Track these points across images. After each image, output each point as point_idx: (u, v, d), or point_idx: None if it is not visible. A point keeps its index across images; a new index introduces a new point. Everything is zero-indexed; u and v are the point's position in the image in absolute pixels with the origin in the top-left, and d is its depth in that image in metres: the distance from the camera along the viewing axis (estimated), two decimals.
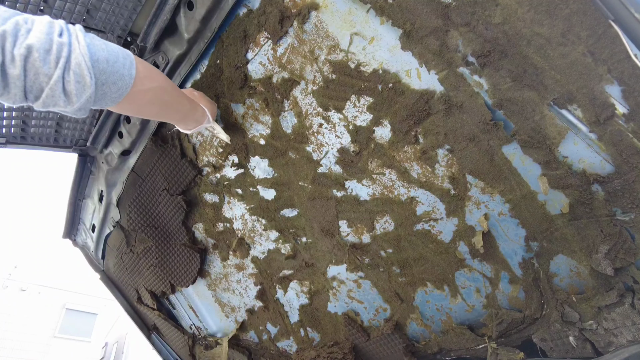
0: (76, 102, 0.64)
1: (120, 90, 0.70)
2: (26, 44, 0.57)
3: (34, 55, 0.58)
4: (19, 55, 0.57)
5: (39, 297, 12.52)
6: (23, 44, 0.57)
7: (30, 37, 0.58)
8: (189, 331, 1.70)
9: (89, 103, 0.67)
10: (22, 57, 0.57)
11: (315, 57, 0.95)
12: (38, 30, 0.59)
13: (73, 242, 1.77)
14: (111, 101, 0.71)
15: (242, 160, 1.20)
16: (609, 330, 0.82)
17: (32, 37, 0.58)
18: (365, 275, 1.16)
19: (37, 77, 0.59)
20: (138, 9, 1.08)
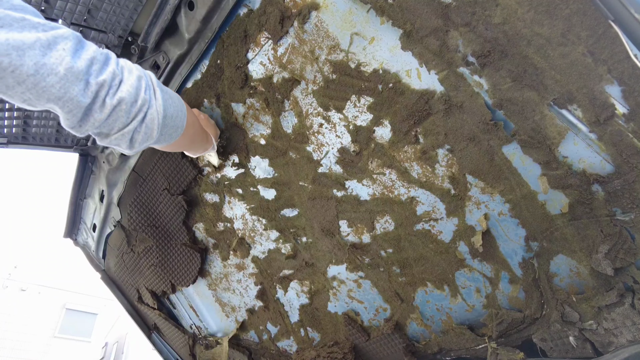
0: (137, 147, 0.73)
1: (172, 138, 0.79)
2: (118, 96, 0.64)
3: (122, 107, 0.65)
4: (110, 105, 0.64)
5: (39, 297, 12.53)
6: (116, 96, 0.64)
7: (122, 89, 0.65)
8: (190, 331, 1.70)
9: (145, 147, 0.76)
10: (112, 107, 0.64)
11: (315, 57, 0.95)
12: (129, 84, 0.66)
13: (74, 242, 1.78)
14: (162, 145, 0.80)
15: (242, 160, 1.20)
16: (609, 330, 0.82)
17: (124, 89, 0.65)
18: (366, 275, 1.16)
19: (115, 123, 0.66)
20: (139, 9, 1.09)
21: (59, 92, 0.58)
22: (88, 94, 0.61)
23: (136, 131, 0.69)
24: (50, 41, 0.57)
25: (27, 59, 0.54)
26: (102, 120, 0.64)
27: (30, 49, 0.55)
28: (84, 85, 0.60)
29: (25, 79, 0.55)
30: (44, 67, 0.56)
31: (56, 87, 0.58)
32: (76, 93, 0.60)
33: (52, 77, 0.57)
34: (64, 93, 0.59)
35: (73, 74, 0.59)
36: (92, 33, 1.10)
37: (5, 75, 0.54)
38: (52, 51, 0.57)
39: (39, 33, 0.56)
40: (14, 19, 0.54)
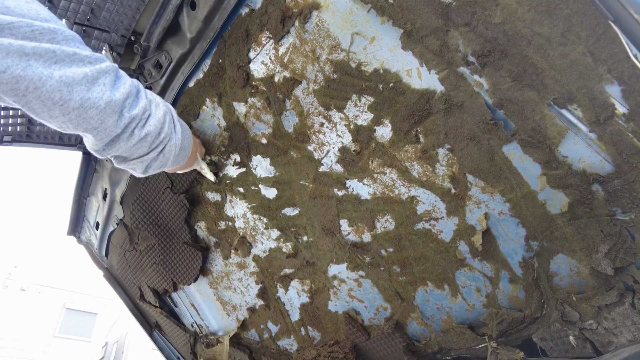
0: (150, 173, 0.79)
1: (179, 164, 0.87)
2: (146, 130, 0.71)
3: (148, 140, 0.72)
4: (137, 136, 0.70)
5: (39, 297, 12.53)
6: (144, 129, 0.70)
7: (150, 123, 0.71)
8: (191, 329, 1.71)
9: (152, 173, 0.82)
10: (139, 138, 0.70)
11: (316, 56, 0.95)
12: (156, 119, 0.72)
13: (77, 240, 1.78)
14: (168, 169, 0.87)
15: (243, 159, 1.21)
16: (609, 329, 0.82)
17: (151, 123, 0.71)
18: (366, 275, 1.16)
19: (137, 151, 0.72)
20: (141, 9, 1.10)
21: (96, 123, 0.63)
22: (120, 125, 0.66)
23: (153, 160, 0.75)
24: (95, 76, 0.62)
25: (74, 94, 0.59)
26: (126, 148, 0.70)
27: (78, 84, 0.59)
28: (117, 117, 0.66)
29: (71, 111, 0.60)
30: (87, 102, 0.60)
31: (95, 118, 0.63)
32: (110, 124, 0.65)
33: (93, 110, 0.62)
34: (100, 124, 0.64)
35: (111, 107, 0.64)
36: (96, 32, 1.11)
37: (54, 108, 0.58)
38: (95, 86, 0.62)
39: (86, 68, 0.60)
40: (66, 54, 0.58)
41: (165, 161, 0.77)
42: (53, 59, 0.56)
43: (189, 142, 0.85)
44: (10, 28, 0.52)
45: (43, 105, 0.57)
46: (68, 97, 0.58)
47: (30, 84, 0.54)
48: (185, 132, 0.83)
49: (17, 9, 0.54)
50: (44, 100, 0.56)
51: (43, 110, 0.58)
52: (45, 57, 0.55)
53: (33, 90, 0.55)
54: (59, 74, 0.56)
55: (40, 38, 0.55)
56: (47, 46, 0.55)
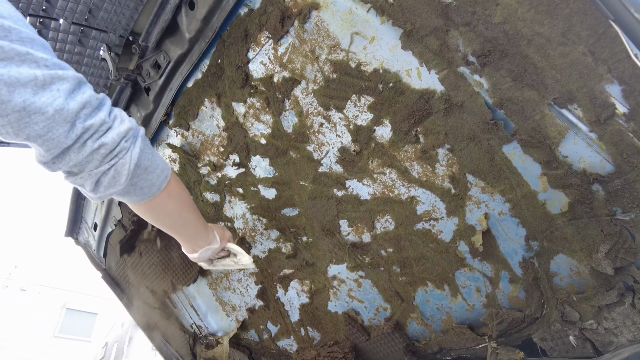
0: (101, 192, 0.70)
1: (145, 196, 0.75)
2: (101, 141, 0.63)
3: (100, 151, 0.64)
4: (90, 148, 0.63)
5: (39, 297, 12.53)
6: (99, 140, 0.63)
7: (108, 135, 0.64)
8: (190, 330, 1.70)
9: (110, 196, 0.72)
10: (92, 150, 0.63)
11: (316, 56, 0.95)
12: (116, 133, 0.65)
13: (75, 241, 1.78)
14: (133, 201, 0.76)
15: (243, 159, 1.20)
16: (609, 329, 0.82)
17: (109, 136, 0.64)
18: (366, 275, 1.16)
19: (88, 165, 0.65)
20: (140, 9, 1.09)
21: (41, 130, 0.57)
22: (72, 136, 0.60)
23: (104, 174, 0.67)
24: (47, 81, 0.56)
25: (16, 96, 0.53)
26: (77, 160, 0.63)
27: (23, 87, 0.54)
28: (69, 127, 0.59)
29: (10, 113, 0.54)
30: (31, 106, 0.55)
31: (39, 125, 0.57)
32: (59, 134, 0.59)
33: (37, 115, 0.56)
34: (46, 132, 0.58)
35: (62, 115, 0.58)
36: (93, 32, 1.10)
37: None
38: (45, 91, 0.56)
39: (38, 70, 0.55)
40: (16, 52, 0.53)
41: (117, 177, 0.68)
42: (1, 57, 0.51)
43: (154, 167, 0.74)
44: None
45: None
46: (7, 97, 0.53)
47: None
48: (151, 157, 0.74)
49: None
50: None
51: None
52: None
53: None
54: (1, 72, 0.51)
55: None
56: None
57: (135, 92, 1.25)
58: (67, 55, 1.14)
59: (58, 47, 1.11)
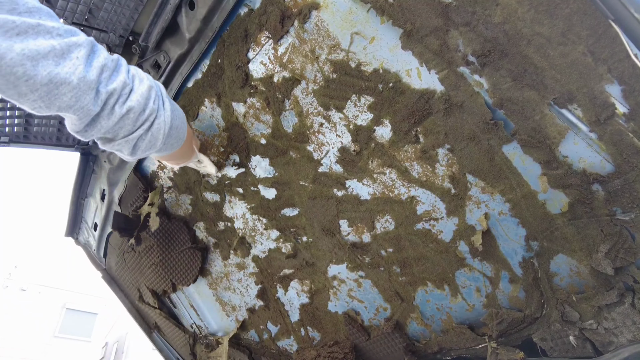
0: (139, 155, 0.72)
1: (173, 148, 0.79)
2: (128, 105, 0.64)
3: (130, 115, 0.65)
4: (119, 113, 0.64)
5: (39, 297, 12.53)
6: (126, 104, 0.64)
7: (132, 98, 0.65)
8: (190, 330, 1.70)
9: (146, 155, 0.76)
10: (121, 115, 0.64)
11: (316, 56, 0.95)
12: (139, 93, 0.66)
13: (75, 241, 1.78)
14: (160, 154, 0.79)
15: (243, 159, 1.20)
16: (609, 329, 0.82)
17: (133, 99, 0.65)
18: (366, 275, 1.16)
19: (121, 130, 0.66)
20: (140, 9, 1.09)
21: (70, 100, 0.58)
22: (98, 103, 0.61)
23: (141, 138, 0.69)
24: (65, 49, 0.57)
25: (40, 69, 0.54)
26: (109, 127, 0.64)
27: (44, 58, 0.54)
28: (94, 94, 0.60)
29: (39, 87, 0.54)
30: (57, 77, 0.56)
31: (68, 96, 0.58)
32: (87, 102, 0.60)
33: (64, 86, 0.57)
34: (75, 102, 0.59)
35: (85, 83, 0.59)
36: (93, 32, 1.10)
37: (19, 84, 0.53)
38: (65, 60, 0.57)
39: (54, 40, 0.56)
40: (29, 25, 0.53)
41: (154, 141, 0.70)
42: (14, 30, 0.51)
43: (181, 122, 0.78)
44: None
45: (6, 81, 0.52)
46: (33, 72, 0.53)
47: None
48: (177, 112, 0.76)
49: None
50: (5, 76, 0.51)
51: (9, 88, 0.53)
52: (4, 28, 0.50)
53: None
54: (21, 47, 0.51)
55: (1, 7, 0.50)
56: (6, 16, 0.50)
57: None
58: None
59: None
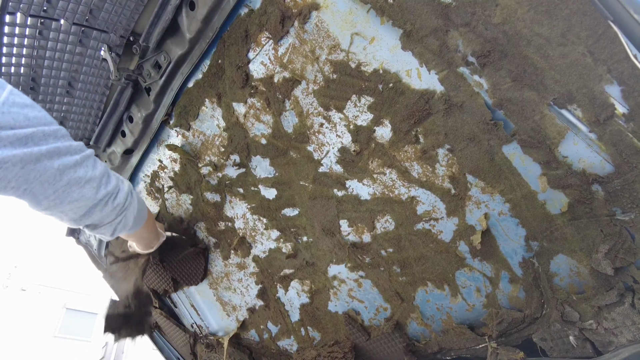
0: (115, 235, 0.97)
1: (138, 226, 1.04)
2: (116, 202, 0.89)
3: (117, 209, 0.90)
4: (111, 207, 0.88)
5: (39, 297, 12.52)
6: (115, 201, 0.89)
7: (119, 197, 0.90)
8: (191, 330, 1.71)
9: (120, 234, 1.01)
10: (111, 209, 0.88)
11: (316, 56, 0.95)
12: (124, 192, 0.92)
13: (76, 241, 1.78)
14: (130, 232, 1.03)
15: (243, 159, 1.21)
16: (609, 329, 0.82)
17: (120, 197, 0.90)
18: (366, 275, 1.16)
19: (106, 218, 0.91)
20: (140, 9, 1.09)
21: (77, 195, 0.80)
22: (98, 197, 0.84)
23: (119, 223, 0.94)
24: (81, 161, 0.81)
25: (65, 176, 0.77)
26: (99, 217, 0.88)
27: (69, 169, 0.77)
28: (95, 191, 0.83)
29: (59, 188, 0.77)
30: (73, 179, 0.78)
31: (76, 192, 0.80)
32: (89, 196, 0.82)
33: (75, 186, 0.79)
34: (80, 196, 0.81)
35: (90, 183, 0.82)
36: (94, 33, 1.10)
37: (49, 188, 0.75)
38: (80, 168, 0.80)
39: (76, 156, 0.80)
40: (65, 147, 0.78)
41: (127, 223, 0.96)
42: (56, 153, 0.75)
43: (143, 207, 1.03)
44: (32, 137, 0.72)
45: (41, 187, 0.74)
46: (60, 178, 0.76)
47: (37, 173, 0.72)
48: (140, 199, 1.01)
49: (34, 119, 0.73)
50: (42, 183, 0.74)
51: (40, 191, 0.74)
52: (52, 153, 0.74)
53: (38, 177, 0.73)
54: (58, 163, 0.75)
55: (48, 139, 0.75)
56: (53, 145, 0.75)
57: (136, 92, 1.25)
58: (68, 55, 1.14)
59: (59, 48, 1.11)
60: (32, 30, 1.04)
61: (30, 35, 1.05)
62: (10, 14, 0.99)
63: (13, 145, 0.69)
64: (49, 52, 1.11)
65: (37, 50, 1.09)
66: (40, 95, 1.20)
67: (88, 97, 1.27)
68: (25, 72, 1.13)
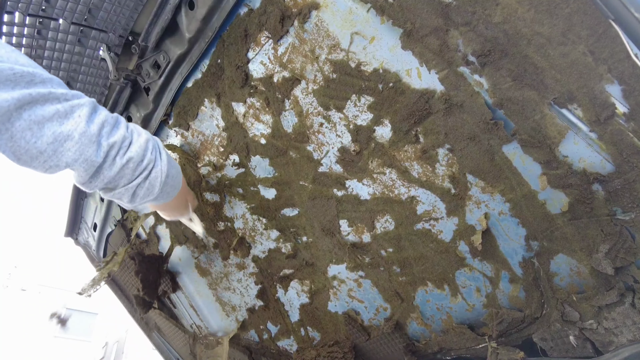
0: (137, 202, 0.79)
1: (169, 197, 0.85)
2: (127, 156, 0.72)
3: (130, 165, 0.72)
4: (119, 164, 0.71)
5: (39, 297, 12.52)
6: (125, 156, 0.71)
7: (131, 150, 0.73)
8: (190, 330, 1.70)
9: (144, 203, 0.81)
10: (121, 165, 0.71)
11: (316, 56, 0.95)
12: (138, 145, 0.74)
13: (75, 241, 1.78)
14: (158, 203, 0.85)
15: (242, 159, 1.20)
16: (609, 329, 0.82)
17: (132, 150, 0.73)
18: (366, 275, 1.16)
19: (122, 179, 0.73)
20: (139, 9, 1.09)
21: (74, 154, 0.65)
22: (100, 154, 0.68)
23: (139, 186, 0.75)
24: (68, 110, 0.65)
25: (46, 130, 0.62)
26: (111, 177, 0.71)
27: (49, 121, 0.62)
28: (96, 147, 0.68)
29: (46, 147, 0.62)
30: (61, 135, 0.63)
31: (72, 150, 0.65)
32: (90, 154, 0.67)
33: (68, 142, 0.64)
34: (79, 155, 0.66)
35: (87, 137, 0.66)
36: (93, 32, 1.10)
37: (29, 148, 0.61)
38: (68, 119, 0.64)
39: (59, 105, 0.64)
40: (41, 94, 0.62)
41: (152, 188, 0.77)
42: (28, 102, 0.60)
43: (177, 172, 0.85)
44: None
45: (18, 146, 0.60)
46: (40, 133, 0.61)
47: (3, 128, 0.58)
48: (173, 162, 0.83)
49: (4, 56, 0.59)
50: (16, 140, 0.60)
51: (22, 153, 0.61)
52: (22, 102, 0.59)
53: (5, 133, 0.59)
54: (28, 113, 0.60)
55: (20, 80, 0.59)
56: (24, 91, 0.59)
57: (135, 92, 1.25)
58: (67, 55, 1.13)
59: (58, 47, 1.10)
60: (30, 30, 1.04)
61: (28, 35, 1.05)
62: (8, 13, 0.98)
63: None
64: (48, 52, 1.10)
65: (35, 50, 1.09)
66: None
67: None
68: None
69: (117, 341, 11.17)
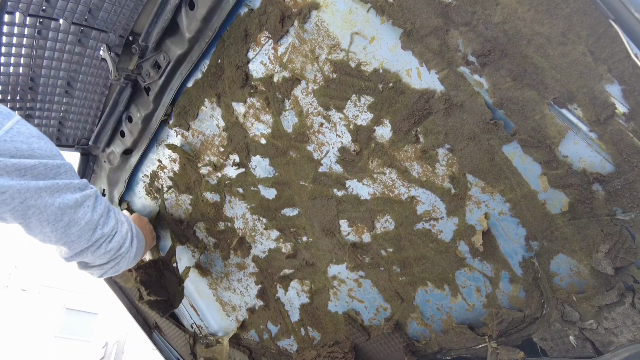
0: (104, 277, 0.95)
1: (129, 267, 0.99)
2: (110, 245, 0.86)
3: (110, 253, 0.86)
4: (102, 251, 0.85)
5: (39, 297, 12.52)
6: (110, 245, 0.86)
7: (115, 239, 0.87)
8: (190, 330, 1.70)
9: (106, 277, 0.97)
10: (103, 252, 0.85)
11: (316, 56, 0.95)
12: (120, 236, 0.88)
13: None
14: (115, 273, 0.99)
15: (243, 159, 1.20)
16: (609, 329, 0.82)
17: (115, 240, 0.87)
18: (366, 275, 1.16)
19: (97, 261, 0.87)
20: (139, 9, 1.09)
21: (74, 237, 0.78)
22: (92, 240, 0.81)
23: (110, 268, 0.91)
24: (82, 200, 0.78)
25: (65, 216, 0.75)
26: (91, 259, 0.85)
27: (70, 208, 0.75)
28: (92, 233, 0.80)
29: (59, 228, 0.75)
30: (73, 221, 0.76)
31: (75, 234, 0.77)
32: (85, 238, 0.80)
33: (75, 227, 0.77)
34: (77, 238, 0.78)
35: (89, 225, 0.80)
36: (93, 32, 1.10)
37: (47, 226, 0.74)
38: (81, 208, 0.77)
39: (77, 194, 0.77)
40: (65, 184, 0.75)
41: (118, 269, 0.94)
42: (56, 190, 0.73)
43: (141, 251, 1.01)
44: (32, 170, 0.69)
45: (39, 224, 0.73)
46: (60, 218, 0.74)
47: (37, 209, 0.71)
48: (140, 244, 0.98)
49: (38, 150, 0.71)
50: (41, 221, 0.73)
51: (37, 227, 0.73)
52: (52, 189, 0.72)
53: (37, 214, 0.71)
54: (59, 201, 0.73)
55: (49, 173, 0.72)
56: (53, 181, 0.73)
57: (135, 92, 1.25)
58: (67, 55, 1.14)
59: (58, 47, 1.11)
60: (31, 30, 1.04)
61: (29, 35, 1.05)
62: (9, 14, 0.98)
63: (10, 176, 0.66)
64: (48, 52, 1.11)
65: (36, 50, 1.09)
66: (39, 95, 1.20)
67: (87, 97, 1.27)
68: (24, 71, 1.13)
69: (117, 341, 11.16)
